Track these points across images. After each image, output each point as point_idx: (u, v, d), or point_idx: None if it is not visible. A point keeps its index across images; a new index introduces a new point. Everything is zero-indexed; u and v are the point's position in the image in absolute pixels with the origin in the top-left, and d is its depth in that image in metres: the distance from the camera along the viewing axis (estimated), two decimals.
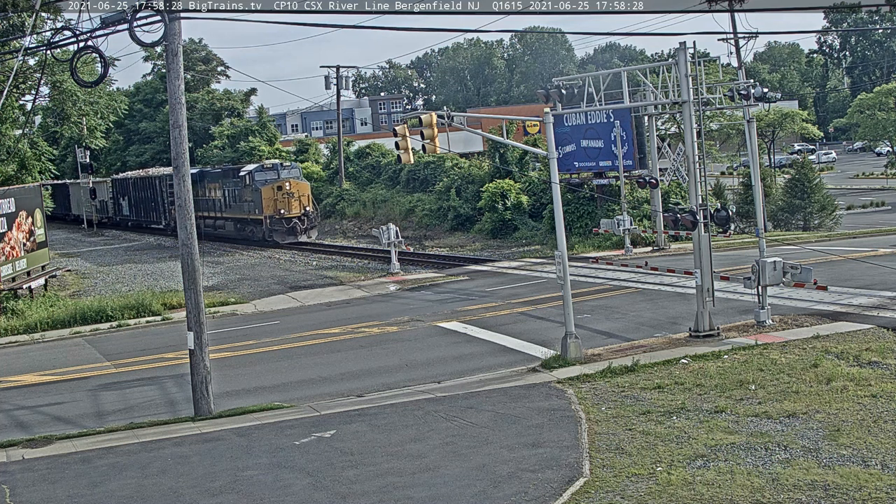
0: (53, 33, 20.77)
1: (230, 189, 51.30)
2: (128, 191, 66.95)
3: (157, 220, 62.07)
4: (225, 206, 52.40)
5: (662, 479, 12.30)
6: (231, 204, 51.49)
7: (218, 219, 53.77)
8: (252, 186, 48.20)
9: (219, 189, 52.83)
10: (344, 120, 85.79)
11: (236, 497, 13.09)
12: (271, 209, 47.33)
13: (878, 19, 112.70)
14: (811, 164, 50.65)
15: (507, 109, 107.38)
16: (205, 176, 54.70)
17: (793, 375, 16.83)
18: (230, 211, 51.87)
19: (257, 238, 48.99)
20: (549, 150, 20.24)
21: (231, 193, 51.27)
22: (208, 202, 54.43)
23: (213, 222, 54.36)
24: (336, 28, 21.77)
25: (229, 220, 52.57)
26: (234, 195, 50.72)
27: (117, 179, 70.21)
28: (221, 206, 52.91)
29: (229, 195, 51.59)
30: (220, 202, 52.97)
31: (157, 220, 61.99)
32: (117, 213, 69.96)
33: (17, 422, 18.64)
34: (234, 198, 50.90)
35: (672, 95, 23.03)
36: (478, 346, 22.32)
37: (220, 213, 53.28)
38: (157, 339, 26.41)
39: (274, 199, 47.36)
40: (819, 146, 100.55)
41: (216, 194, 53.47)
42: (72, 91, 37.94)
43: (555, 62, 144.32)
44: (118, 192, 69.24)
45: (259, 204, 47.66)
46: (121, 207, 68.76)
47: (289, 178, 47.99)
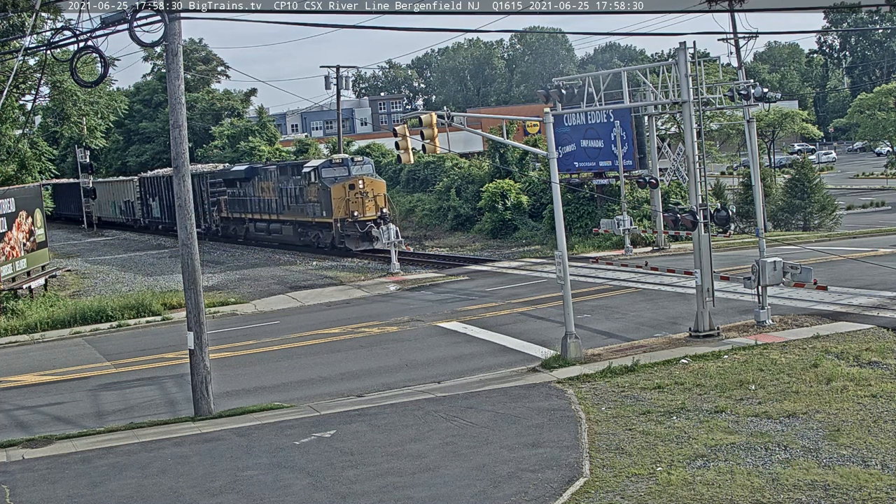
0: (53, 33, 20.79)
1: (289, 188, 45.02)
2: (159, 191, 60.51)
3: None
4: (282, 207, 46.05)
5: (662, 479, 12.30)
6: (290, 205, 45.21)
7: (272, 221, 47.57)
8: (319, 185, 41.94)
9: (273, 188, 46.60)
10: (344, 120, 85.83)
11: (236, 497, 13.09)
12: (342, 211, 41.04)
13: (878, 19, 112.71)
14: (811, 164, 50.66)
15: (507, 109, 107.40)
16: (255, 173, 48.92)
17: (793, 375, 16.83)
18: (288, 213, 45.52)
19: (324, 244, 43.13)
20: (549, 150, 20.25)
21: (290, 193, 44.97)
22: (260, 203, 48.42)
23: (265, 225, 48.63)
24: (336, 28, 21.79)
25: (287, 223, 46.24)
26: (295, 195, 44.45)
27: (146, 178, 63.40)
28: (277, 207, 46.63)
29: (288, 195, 45.26)
30: (276, 203, 46.61)
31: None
32: (146, 216, 63.55)
33: (17, 422, 18.65)
34: (294, 198, 44.69)
35: (672, 95, 23.04)
36: (478, 346, 22.32)
37: (276, 215, 46.97)
38: (157, 339, 26.41)
39: (345, 200, 41.04)
40: (819, 146, 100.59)
41: (270, 194, 47.14)
42: (72, 91, 37.93)
43: (555, 62, 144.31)
44: (146, 192, 62.81)
45: (328, 205, 41.46)
46: (150, 209, 62.37)
47: (362, 175, 41.57)
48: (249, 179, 48.79)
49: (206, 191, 53.13)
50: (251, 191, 48.87)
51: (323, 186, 41.61)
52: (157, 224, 61.85)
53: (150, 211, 62.46)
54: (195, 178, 54.59)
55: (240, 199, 50.35)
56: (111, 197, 71.07)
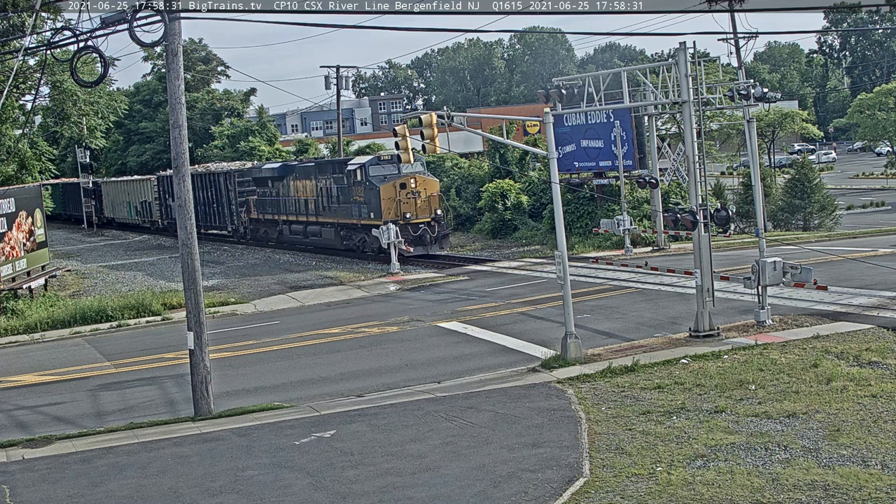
0: (53, 33, 20.77)
1: (330, 187, 41.42)
2: None
3: (220, 225, 53.09)
4: (322, 208, 42.29)
5: (662, 479, 12.30)
6: (330, 206, 41.56)
7: (310, 224, 43.66)
8: (365, 184, 38.46)
9: (311, 187, 42.98)
10: (344, 120, 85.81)
11: (236, 497, 13.09)
12: (392, 213, 37.50)
13: (878, 19, 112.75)
14: (811, 164, 50.68)
15: (507, 109, 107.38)
16: (290, 171, 45.36)
17: (793, 375, 16.83)
18: (329, 214, 41.74)
19: (371, 249, 39.43)
20: (549, 150, 20.25)
21: (331, 192, 41.40)
22: (296, 203, 44.61)
23: (302, 228, 44.73)
24: (336, 28, 21.80)
25: (328, 225, 42.47)
26: (337, 195, 40.88)
27: (165, 177, 58.55)
28: (316, 208, 42.83)
29: (329, 195, 41.62)
30: (314, 203, 42.88)
31: (220, 224, 52.97)
32: (165, 217, 59.27)
33: (17, 422, 18.65)
34: (335, 198, 41.12)
35: (672, 95, 23.04)
36: (478, 346, 22.32)
37: (314, 216, 43.11)
38: (157, 339, 26.42)
39: (396, 201, 37.56)
40: (819, 146, 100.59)
41: (307, 193, 43.40)
42: (72, 91, 37.93)
43: (555, 62, 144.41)
44: (166, 192, 58.51)
45: (376, 206, 37.91)
46: (170, 210, 57.46)
47: (413, 174, 38.18)
48: (283, 178, 45.36)
49: (234, 190, 49.85)
50: (285, 190, 45.38)
51: (370, 186, 38.21)
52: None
53: (169, 212, 58.03)
54: (221, 177, 51.32)
55: (272, 200, 47.10)
56: (126, 197, 67.10)
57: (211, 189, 52.97)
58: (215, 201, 52.72)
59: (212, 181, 52.76)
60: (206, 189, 53.25)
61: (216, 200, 52.62)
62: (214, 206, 52.99)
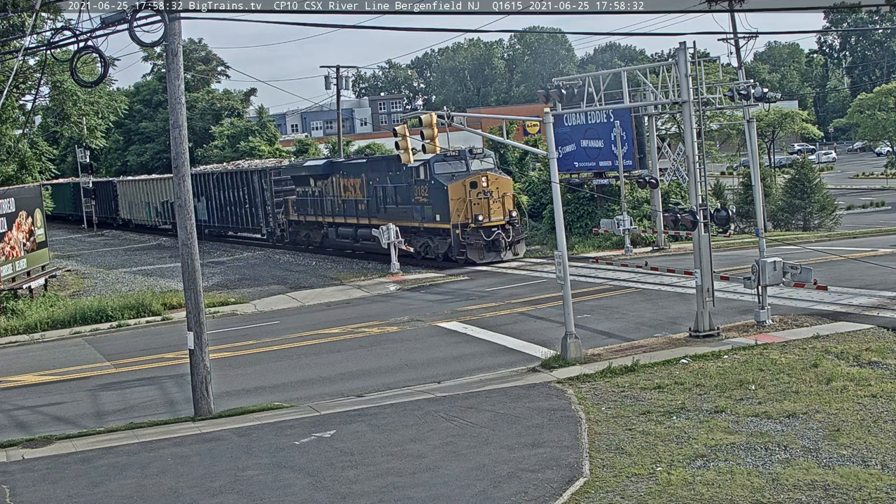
0: (53, 33, 20.77)
1: (386, 186, 38.16)
2: (206, 190, 52.98)
3: (252, 227, 49.17)
4: (375, 209, 38.85)
5: (662, 479, 12.30)
6: (386, 207, 38.21)
7: (361, 226, 39.81)
8: (430, 182, 35.31)
9: (362, 186, 39.60)
10: (344, 120, 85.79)
11: (236, 497, 13.10)
12: (462, 215, 34.60)
13: (878, 19, 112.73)
14: (811, 164, 50.70)
15: (507, 109, 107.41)
16: (336, 168, 41.76)
17: (793, 375, 16.83)
18: (384, 216, 37.95)
19: (436, 255, 36.47)
20: (549, 150, 20.26)
21: (386, 192, 38.15)
22: (344, 204, 40.99)
23: (351, 231, 40.91)
24: (336, 28, 21.82)
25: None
26: (395, 194, 37.63)
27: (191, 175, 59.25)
28: (369, 209, 39.28)
29: (383, 195, 38.33)
30: (366, 204, 39.38)
31: (252, 226, 49.10)
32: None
33: (17, 422, 18.65)
34: (392, 198, 37.83)
35: (672, 95, 23.05)
36: (478, 346, 22.32)
37: (367, 218, 39.33)
38: (157, 339, 26.42)
39: (467, 201, 34.62)
40: (819, 146, 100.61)
41: (358, 193, 39.96)
42: (72, 91, 37.95)
43: (555, 62, 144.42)
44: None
45: (443, 208, 34.91)
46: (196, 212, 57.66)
47: (484, 171, 35.27)
48: (328, 176, 41.70)
49: (269, 189, 46.37)
50: (331, 189, 41.67)
51: (436, 185, 35.01)
52: (204, 228, 52.81)
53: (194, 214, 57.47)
54: (254, 175, 47.44)
55: (314, 200, 43.31)
56: (145, 198, 62.54)
57: (242, 188, 49.15)
58: (247, 201, 48.88)
59: (243, 180, 48.99)
60: (235, 188, 49.69)
61: (248, 200, 48.75)
62: (246, 207, 49.12)
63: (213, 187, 52.28)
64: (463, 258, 35.05)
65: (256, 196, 47.91)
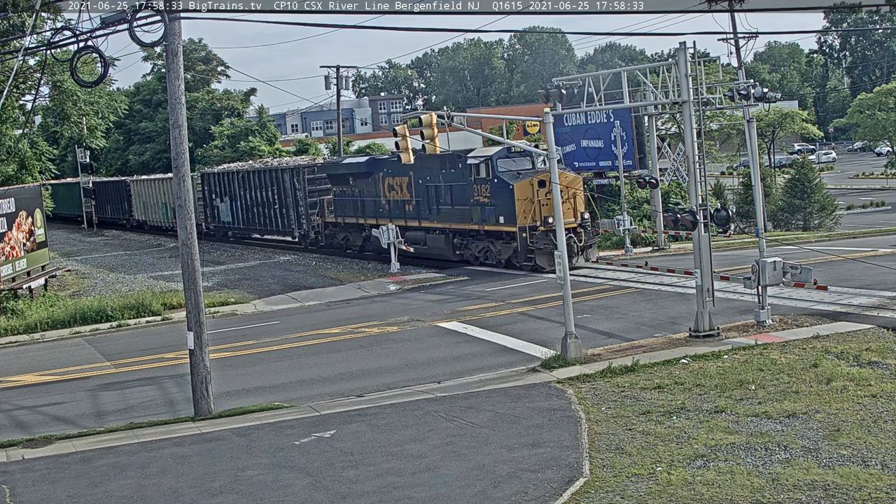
0: (53, 33, 20.78)
1: (438, 185, 35.25)
2: (230, 189, 49.93)
3: (283, 229, 46.02)
4: (427, 210, 36.00)
5: (662, 479, 12.30)
6: (439, 208, 35.36)
7: (409, 229, 36.92)
8: (493, 181, 32.42)
9: (410, 185, 36.71)
10: (344, 120, 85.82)
11: (236, 497, 13.10)
12: (530, 217, 31.60)
13: (878, 19, 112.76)
14: (811, 164, 50.71)
15: (507, 109, 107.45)
16: (379, 166, 38.49)
17: (793, 375, 16.83)
18: (437, 218, 35.51)
19: (498, 260, 33.43)
20: (549, 150, 20.27)
21: (439, 192, 35.23)
22: (388, 205, 38.08)
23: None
24: (336, 28, 21.85)
25: (435, 231, 35.99)
26: (449, 194, 34.67)
27: (211, 175, 52.81)
28: (417, 210, 36.47)
29: (436, 194, 35.43)
30: (415, 205, 36.55)
31: (283, 228, 45.93)
32: (212, 220, 53.15)
33: (17, 422, 18.65)
34: (446, 198, 34.90)
35: (672, 95, 23.07)
36: (478, 346, 22.33)
37: (415, 220, 36.71)
38: (157, 339, 26.42)
39: (534, 202, 31.47)
40: (819, 146, 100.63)
41: (404, 193, 37.13)
42: (72, 91, 37.92)
43: (555, 62, 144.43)
44: (211, 191, 52.54)
45: (507, 209, 31.79)
46: (217, 212, 52.24)
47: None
48: (370, 175, 38.65)
49: (303, 189, 43.28)
50: (373, 189, 38.79)
51: (500, 184, 32.14)
52: (226, 230, 51.83)
53: (216, 214, 52.36)
54: (285, 174, 44.65)
55: (353, 200, 40.32)
56: (161, 198, 59.57)
57: (270, 188, 45.94)
58: (276, 202, 45.68)
59: (272, 179, 45.82)
60: (264, 188, 46.51)
61: (278, 201, 45.56)
62: (276, 208, 45.84)
63: (239, 187, 49.09)
64: (530, 264, 31.92)
65: (288, 196, 44.78)
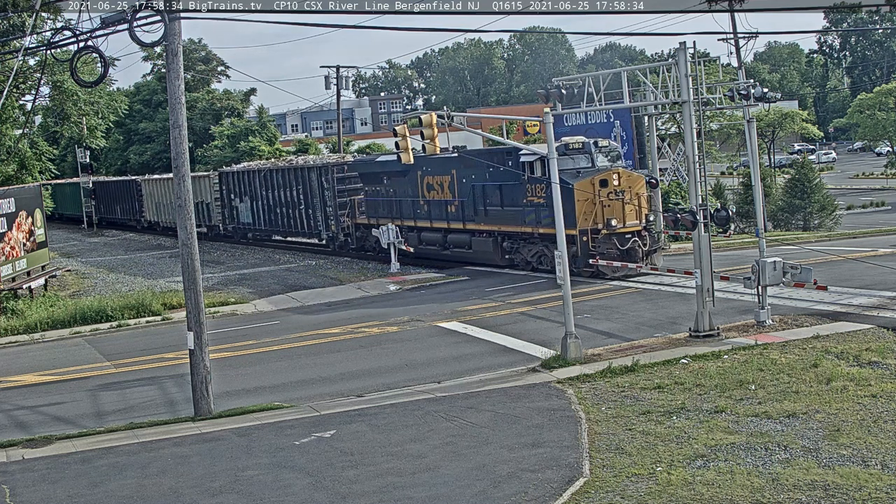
0: (53, 33, 20.79)
1: (487, 184, 32.54)
2: (251, 189, 47.39)
3: (308, 231, 43.44)
4: (472, 210, 33.50)
5: (662, 479, 12.30)
6: (486, 209, 32.84)
7: (452, 231, 34.80)
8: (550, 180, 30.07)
9: (452, 184, 34.38)
10: (344, 120, 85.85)
11: (236, 497, 13.10)
12: (591, 219, 29.03)
13: (878, 19, 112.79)
14: (811, 164, 50.74)
15: (507, 109, 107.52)
16: (418, 163, 34.51)
17: (793, 375, 16.83)
18: (484, 220, 33.08)
19: (551, 266, 29.19)
20: (549, 150, 20.27)
21: (487, 191, 32.64)
22: (427, 205, 35.94)
23: (439, 237, 35.50)
24: (336, 28, 21.85)
25: (481, 234, 33.57)
26: (499, 194, 32.02)
27: (230, 174, 50.10)
28: (462, 211, 34.08)
29: (483, 194, 32.81)
30: (458, 206, 34.14)
31: (308, 230, 43.29)
32: (231, 221, 50.44)
33: (17, 422, 18.65)
34: (495, 199, 32.34)
35: (672, 95, 23.04)
36: (478, 346, 22.33)
37: (459, 222, 34.33)
38: (157, 339, 26.42)
39: (597, 203, 29.04)
40: (819, 146, 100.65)
41: (445, 192, 34.78)
42: (72, 91, 37.93)
43: (555, 62, 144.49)
44: (230, 191, 49.79)
45: (567, 210, 26.68)
46: (235, 213, 49.56)
47: (616, 168, 30.09)
48: (406, 173, 36.10)
49: (331, 188, 40.78)
50: (409, 189, 36.63)
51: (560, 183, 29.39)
52: (246, 231, 49.59)
53: (235, 215, 49.65)
54: (312, 173, 41.98)
55: (388, 201, 37.98)
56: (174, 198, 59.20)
57: (296, 187, 43.41)
58: (302, 202, 43.08)
59: (298, 178, 43.21)
60: (288, 187, 44.05)
61: (304, 201, 42.97)
62: (301, 209, 43.21)
63: (260, 186, 46.51)
64: (590, 270, 29.50)
65: (314, 196, 42.15)
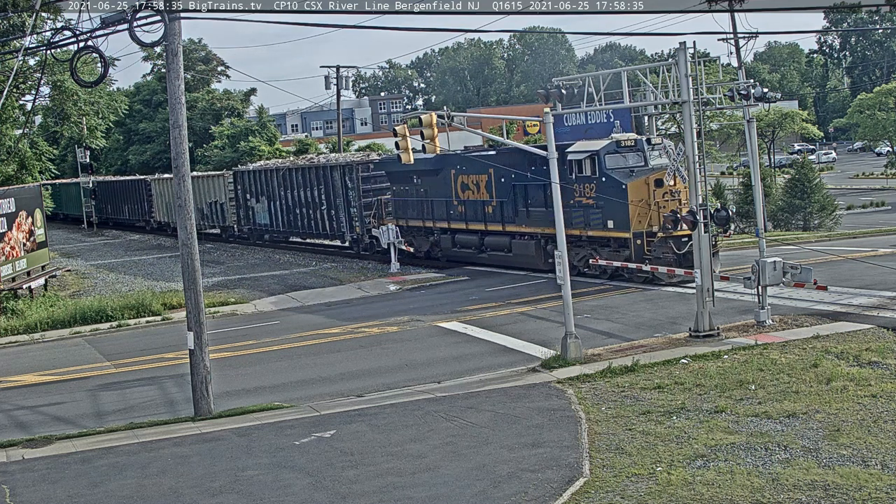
0: (53, 33, 20.79)
1: (528, 184, 30.50)
2: (268, 189, 45.46)
3: (330, 233, 41.45)
4: (513, 211, 31.71)
5: (662, 479, 12.30)
6: (528, 209, 31.03)
7: (489, 233, 33.16)
8: (601, 180, 28.24)
9: (489, 183, 32.55)
10: (344, 120, 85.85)
11: (236, 497, 13.10)
12: (645, 221, 27.31)
13: (878, 19, 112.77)
14: (811, 164, 50.75)
15: (507, 109, 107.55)
16: (449, 162, 34.36)
17: (793, 375, 16.83)
18: (525, 221, 31.26)
19: (605, 270, 29.05)
20: (549, 150, 20.27)
21: (529, 191, 30.83)
22: (461, 206, 34.16)
23: (475, 239, 33.88)
24: (336, 28, 21.87)
25: (522, 236, 31.78)
26: (542, 195, 29.66)
27: (246, 173, 47.98)
28: (500, 212, 32.28)
29: (524, 194, 31.11)
30: (496, 207, 32.35)
31: (331, 231, 41.29)
32: (247, 222, 48.36)
33: (17, 422, 18.65)
34: (538, 199, 30.39)
35: (672, 95, 23.03)
36: (478, 346, 22.33)
37: (497, 223, 32.58)
38: (157, 339, 26.42)
39: (651, 204, 27.32)
40: (819, 146, 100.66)
41: (482, 192, 32.99)
42: (72, 91, 37.94)
43: (555, 62, 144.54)
44: (246, 191, 47.83)
45: (619, 211, 27.46)
46: (252, 214, 47.54)
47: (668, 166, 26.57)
48: (438, 172, 34.57)
49: (356, 188, 38.86)
50: (442, 188, 34.75)
51: (610, 182, 27.92)
52: (262, 232, 47.84)
53: (251, 216, 47.80)
54: (335, 172, 40.20)
55: (418, 201, 36.23)
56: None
57: (317, 187, 41.51)
58: (324, 202, 41.10)
59: (319, 177, 41.23)
60: (309, 187, 42.14)
61: (326, 201, 40.99)
62: (323, 209, 41.23)
63: (279, 186, 44.57)
64: (645, 275, 27.69)
65: (338, 196, 40.22)
